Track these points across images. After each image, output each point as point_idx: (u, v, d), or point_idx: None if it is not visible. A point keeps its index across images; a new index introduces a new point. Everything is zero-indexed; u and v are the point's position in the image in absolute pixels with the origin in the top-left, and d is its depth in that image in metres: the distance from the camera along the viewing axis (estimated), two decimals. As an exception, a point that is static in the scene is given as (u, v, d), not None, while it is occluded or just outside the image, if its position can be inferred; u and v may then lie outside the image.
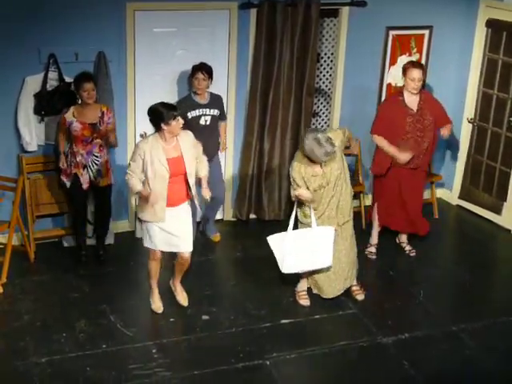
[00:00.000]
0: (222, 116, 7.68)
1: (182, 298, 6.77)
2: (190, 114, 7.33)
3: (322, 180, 6.48)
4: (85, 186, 7.14)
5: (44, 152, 7.48)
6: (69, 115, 6.99)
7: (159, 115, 6.06)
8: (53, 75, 7.19)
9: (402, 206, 7.64)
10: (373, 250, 7.86)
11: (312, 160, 6.36)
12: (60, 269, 7.28)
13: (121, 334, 6.30)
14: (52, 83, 7.20)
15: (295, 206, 6.71)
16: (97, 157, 7.10)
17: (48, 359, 5.90)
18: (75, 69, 7.17)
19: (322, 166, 6.44)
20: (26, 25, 6.99)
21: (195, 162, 6.32)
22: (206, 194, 6.45)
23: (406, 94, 7.39)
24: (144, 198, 6.19)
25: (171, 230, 6.29)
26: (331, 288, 6.82)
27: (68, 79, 7.22)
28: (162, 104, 6.15)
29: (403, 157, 7.36)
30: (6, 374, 5.73)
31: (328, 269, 6.72)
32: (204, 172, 6.46)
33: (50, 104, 7.20)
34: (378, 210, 7.76)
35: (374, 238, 7.90)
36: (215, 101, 7.53)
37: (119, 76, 7.48)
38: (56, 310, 6.61)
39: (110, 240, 7.71)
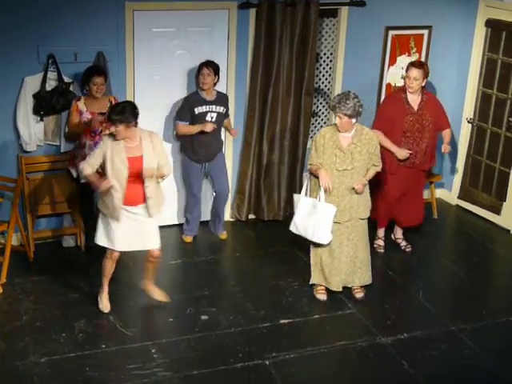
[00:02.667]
0: (227, 114, 7.75)
1: (160, 294, 6.71)
2: (196, 110, 7.42)
3: (346, 159, 6.51)
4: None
5: (43, 152, 7.48)
6: (81, 103, 7.07)
7: (108, 115, 6.13)
8: (52, 75, 7.19)
9: (403, 204, 7.67)
10: (381, 242, 7.93)
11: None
12: (59, 269, 7.27)
13: (120, 334, 6.30)
14: (51, 83, 7.20)
15: (308, 178, 6.79)
16: None
17: (47, 359, 5.90)
18: (74, 69, 7.21)
19: (350, 142, 6.52)
20: (25, 25, 6.99)
21: (156, 164, 6.20)
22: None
23: (407, 93, 7.43)
24: (94, 184, 6.18)
25: (131, 229, 6.27)
26: (334, 280, 6.86)
27: (67, 79, 7.22)
28: (125, 104, 6.16)
29: (402, 153, 7.39)
30: (5, 373, 5.73)
31: (332, 259, 6.78)
32: (165, 171, 6.33)
33: (49, 104, 7.20)
34: (380, 212, 7.76)
35: (381, 231, 7.94)
36: (221, 98, 7.58)
37: (118, 76, 7.48)
38: (55, 310, 6.60)
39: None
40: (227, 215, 8.45)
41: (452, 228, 9.01)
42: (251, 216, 8.54)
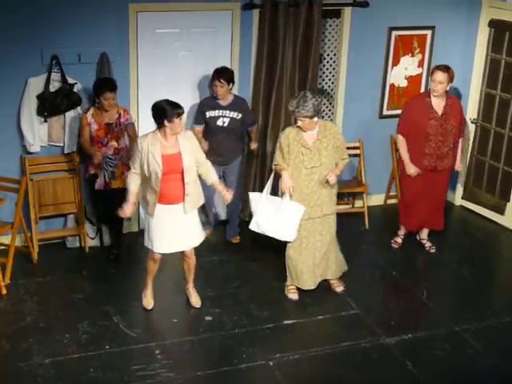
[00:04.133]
0: (249, 120, 7.66)
1: (195, 300, 6.77)
2: (208, 114, 7.41)
3: (314, 156, 6.55)
4: (97, 186, 7.25)
5: (47, 153, 7.48)
6: (89, 115, 7.09)
7: (163, 112, 6.07)
8: (56, 76, 7.20)
9: (422, 206, 7.70)
10: (398, 240, 7.98)
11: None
12: (63, 270, 7.28)
13: (124, 334, 6.30)
14: (55, 84, 7.21)
15: (272, 175, 6.86)
16: (111, 159, 7.16)
17: (51, 360, 5.91)
18: (78, 70, 7.21)
19: (315, 139, 6.57)
20: (29, 26, 7.00)
21: (194, 161, 6.27)
22: (227, 197, 6.47)
23: (432, 96, 7.42)
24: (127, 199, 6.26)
25: (170, 230, 6.31)
26: (307, 279, 6.91)
27: (71, 80, 7.23)
28: (167, 101, 6.16)
29: (411, 170, 7.45)
30: (9, 374, 5.74)
31: (303, 259, 6.84)
32: (213, 177, 6.46)
33: (52, 105, 7.21)
34: (402, 210, 7.87)
35: (403, 229, 8.00)
36: (237, 104, 7.52)
37: (122, 77, 7.47)
38: (59, 311, 6.61)
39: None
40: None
41: (456, 228, 8.98)
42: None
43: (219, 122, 7.45)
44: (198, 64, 7.73)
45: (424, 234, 8.09)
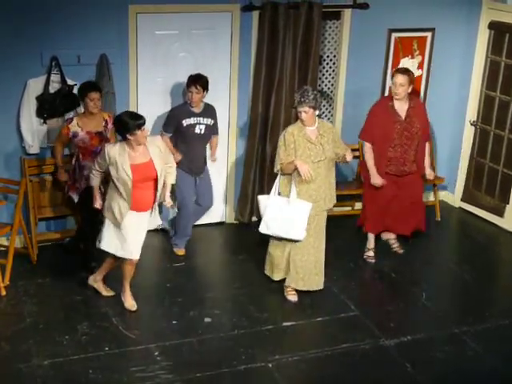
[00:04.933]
0: (215, 129, 7.63)
1: (131, 304, 6.70)
2: (184, 122, 7.33)
3: (319, 150, 6.60)
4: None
5: (46, 155, 7.48)
6: (73, 125, 6.89)
7: (124, 125, 6.10)
8: (55, 78, 7.20)
9: (397, 210, 7.62)
10: (371, 254, 7.82)
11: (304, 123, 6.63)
12: (63, 271, 7.27)
13: (123, 336, 6.30)
14: (54, 86, 7.21)
15: (278, 177, 6.81)
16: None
17: (51, 362, 5.90)
18: (77, 71, 7.21)
19: (317, 134, 6.63)
20: (29, 28, 7.00)
21: (164, 167, 6.35)
22: (168, 202, 6.54)
23: (394, 100, 7.38)
24: (94, 197, 6.43)
25: (129, 236, 6.32)
26: (312, 280, 6.93)
27: (70, 82, 7.23)
28: (128, 114, 6.25)
29: (376, 180, 7.37)
30: (9, 376, 5.74)
31: (308, 260, 6.85)
32: (172, 179, 6.54)
33: (52, 107, 7.21)
34: (369, 216, 7.70)
35: (371, 242, 7.86)
36: (208, 110, 7.48)
37: (121, 78, 7.48)
38: (59, 312, 6.61)
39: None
40: (230, 218, 8.45)
41: (455, 230, 9.00)
42: (254, 218, 8.53)
43: (197, 130, 7.37)
44: (197, 65, 7.72)
45: (391, 234, 8.00)
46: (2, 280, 6.86)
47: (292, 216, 6.66)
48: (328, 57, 8.46)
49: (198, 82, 7.26)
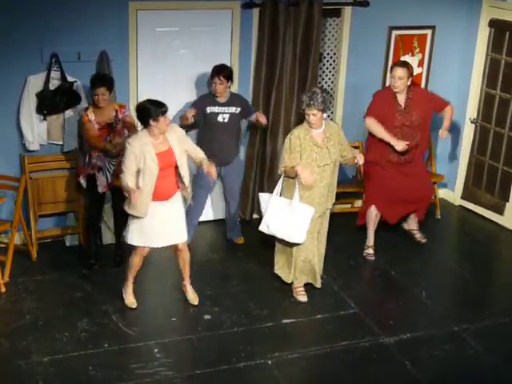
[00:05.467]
0: (248, 110, 7.61)
1: (193, 297, 6.78)
2: (208, 109, 7.39)
3: (325, 154, 6.58)
4: (101, 189, 7.10)
5: (46, 151, 7.48)
6: (90, 112, 6.97)
7: (147, 112, 6.13)
8: (55, 74, 7.19)
9: (404, 196, 7.66)
10: (370, 251, 7.83)
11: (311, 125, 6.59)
12: (62, 268, 7.28)
13: (123, 333, 6.30)
14: (54, 82, 7.21)
15: (281, 179, 6.77)
16: (112, 161, 7.09)
17: (50, 358, 5.91)
18: (77, 68, 7.21)
19: (324, 137, 6.59)
20: (29, 24, 7.00)
21: (185, 154, 6.38)
22: (213, 173, 6.44)
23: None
24: (129, 195, 6.20)
25: (163, 224, 6.34)
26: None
27: (70, 78, 7.22)
28: (150, 101, 6.23)
29: (400, 145, 7.36)
30: (8, 373, 5.74)
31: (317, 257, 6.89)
32: (201, 155, 6.51)
33: (52, 103, 7.21)
34: (378, 206, 7.73)
35: (371, 239, 7.87)
36: (234, 99, 7.51)
37: (121, 75, 7.48)
38: (58, 309, 6.61)
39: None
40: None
41: (455, 228, 9.01)
42: (255, 216, 8.53)
43: (220, 119, 7.44)
44: (197, 62, 7.73)
45: (413, 223, 8.05)
46: (1, 277, 6.86)
47: (293, 219, 6.62)
48: (328, 54, 8.46)
49: (222, 72, 7.31)
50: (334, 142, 6.64)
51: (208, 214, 8.15)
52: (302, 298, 6.94)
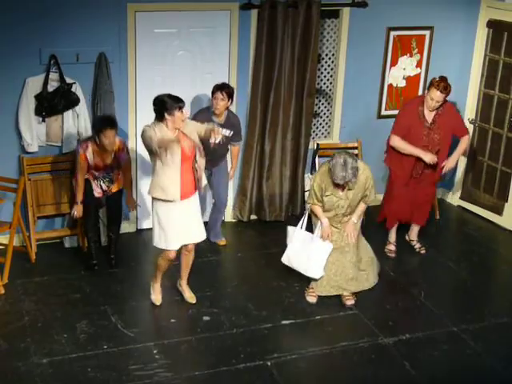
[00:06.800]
0: (237, 137, 7.54)
1: (190, 296, 6.79)
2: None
3: (341, 201, 6.68)
4: (97, 194, 7.13)
5: (45, 153, 7.48)
6: (89, 153, 6.88)
7: (164, 104, 6.09)
8: (54, 76, 7.20)
9: (412, 202, 7.69)
10: (392, 247, 7.92)
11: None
12: (61, 269, 7.28)
13: (122, 334, 6.30)
14: (53, 84, 7.21)
15: (307, 209, 6.92)
16: (109, 173, 7.11)
17: (49, 360, 5.91)
18: (76, 70, 7.21)
19: (344, 189, 6.62)
20: (27, 26, 7.00)
21: (196, 136, 6.31)
22: (220, 133, 6.29)
23: (425, 106, 7.38)
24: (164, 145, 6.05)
25: (183, 223, 6.32)
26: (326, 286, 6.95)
27: (69, 80, 7.23)
28: (169, 95, 6.19)
29: (429, 157, 7.36)
30: (7, 374, 5.73)
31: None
32: (209, 126, 6.37)
33: (50, 105, 7.21)
34: (391, 210, 7.78)
35: (392, 236, 7.94)
36: (231, 121, 7.42)
37: (120, 77, 7.48)
38: (57, 310, 6.60)
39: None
40: (229, 216, 8.45)
41: (454, 228, 9.00)
42: (253, 217, 8.54)
43: (212, 139, 7.35)
44: (196, 64, 7.73)
45: (413, 234, 8.06)
46: (0, 278, 6.86)
47: (312, 254, 6.74)
48: (327, 55, 8.46)
49: (224, 88, 7.23)
50: (356, 192, 6.69)
51: (205, 216, 8.12)
52: (311, 299, 6.93)
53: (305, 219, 6.93)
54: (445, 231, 8.72)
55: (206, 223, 7.95)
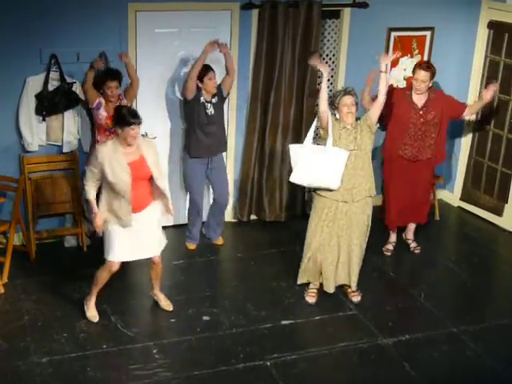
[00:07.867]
0: (227, 83, 7.50)
1: (166, 304, 6.70)
2: (202, 98, 7.34)
3: (354, 135, 6.54)
4: None
5: (45, 152, 7.48)
6: (102, 99, 7.06)
7: (118, 117, 6.00)
8: (54, 75, 7.19)
9: (404, 200, 7.69)
10: (390, 247, 7.93)
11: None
12: (61, 269, 7.28)
13: (121, 334, 6.30)
14: (53, 83, 7.21)
15: (315, 121, 6.75)
16: None
17: (49, 359, 5.91)
18: (77, 69, 7.20)
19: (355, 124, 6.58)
20: (28, 26, 7.00)
21: (160, 165, 6.24)
22: (170, 213, 6.35)
23: (413, 91, 7.46)
24: (93, 211, 6.10)
25: (138, 236, 6.17)
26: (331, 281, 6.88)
27: (69, 79, 7.23)
28: (127, 109, 6.11)
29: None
30: (7, 373, 5.73)
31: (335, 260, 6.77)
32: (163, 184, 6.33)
33: (51, 104, 7.20)
34: (389, 213, 7.81)
35: (393, 236, 7.96)
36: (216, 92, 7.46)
37: (120, 77, 7.49)
38: (57, 310, 6.61)
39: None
40: (229, 216, 8.44)
41: (454, 230, 9.01)
42: (253, 217, 8.53)
43: (208, 111, 7.35)
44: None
45: (410, 233, 8.06)
46: (0, 278, 6.87)
47: (328, 165, 6.46)
48: (327, 56, 8.46)
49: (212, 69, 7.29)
50: (365, 132, 6.59)
51: (205, 216, 8.12)
52: (310, 299, 6.93)
53: (311, 133, 6.65)
54: (445, 232, 8.72)
55: (205, 223, 8.04)
